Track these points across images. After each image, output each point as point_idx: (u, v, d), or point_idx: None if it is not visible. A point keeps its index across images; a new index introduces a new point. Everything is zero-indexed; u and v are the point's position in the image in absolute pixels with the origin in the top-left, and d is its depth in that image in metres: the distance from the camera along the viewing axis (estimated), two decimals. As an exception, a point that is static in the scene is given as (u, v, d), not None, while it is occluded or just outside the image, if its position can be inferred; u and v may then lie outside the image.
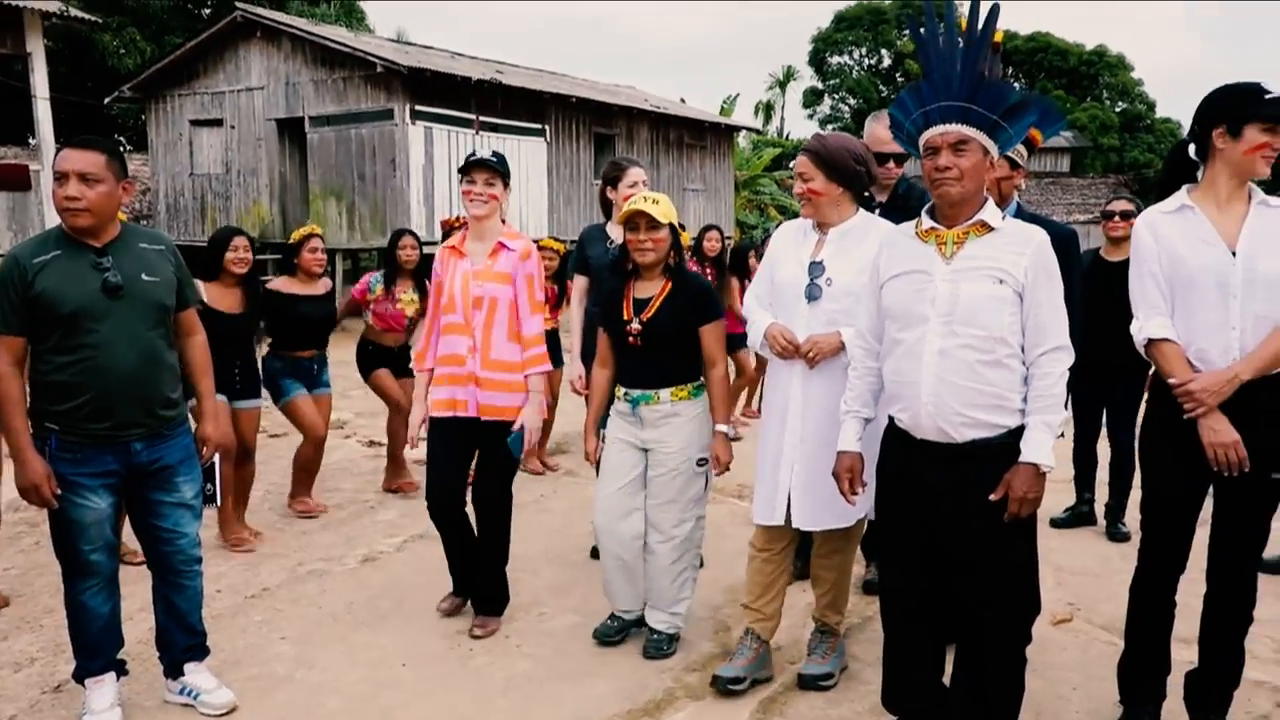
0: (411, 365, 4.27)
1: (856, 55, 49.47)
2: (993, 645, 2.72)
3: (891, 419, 2.83)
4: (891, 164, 3.92)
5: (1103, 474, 5.44)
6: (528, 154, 17.89)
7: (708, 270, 7.84)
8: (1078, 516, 5.53)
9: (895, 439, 2.82)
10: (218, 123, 18.00)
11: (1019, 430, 2.65)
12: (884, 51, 48.22)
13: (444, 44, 23.92)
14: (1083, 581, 4.64)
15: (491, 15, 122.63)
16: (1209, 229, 2.89)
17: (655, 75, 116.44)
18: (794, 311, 3.35)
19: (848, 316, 3.22)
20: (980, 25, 2.62)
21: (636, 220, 3.64)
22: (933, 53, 2.67)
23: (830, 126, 45.60)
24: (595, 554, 4.87)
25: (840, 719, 3.36)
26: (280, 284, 5.47)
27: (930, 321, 2.66)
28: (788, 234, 3.53)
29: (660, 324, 3.64)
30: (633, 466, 3.78)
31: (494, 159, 3.91)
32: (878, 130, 3.85)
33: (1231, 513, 2.96)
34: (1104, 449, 5.49)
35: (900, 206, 3.79)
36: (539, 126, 18.24)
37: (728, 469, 3.72)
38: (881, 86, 46.89)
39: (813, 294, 3.31)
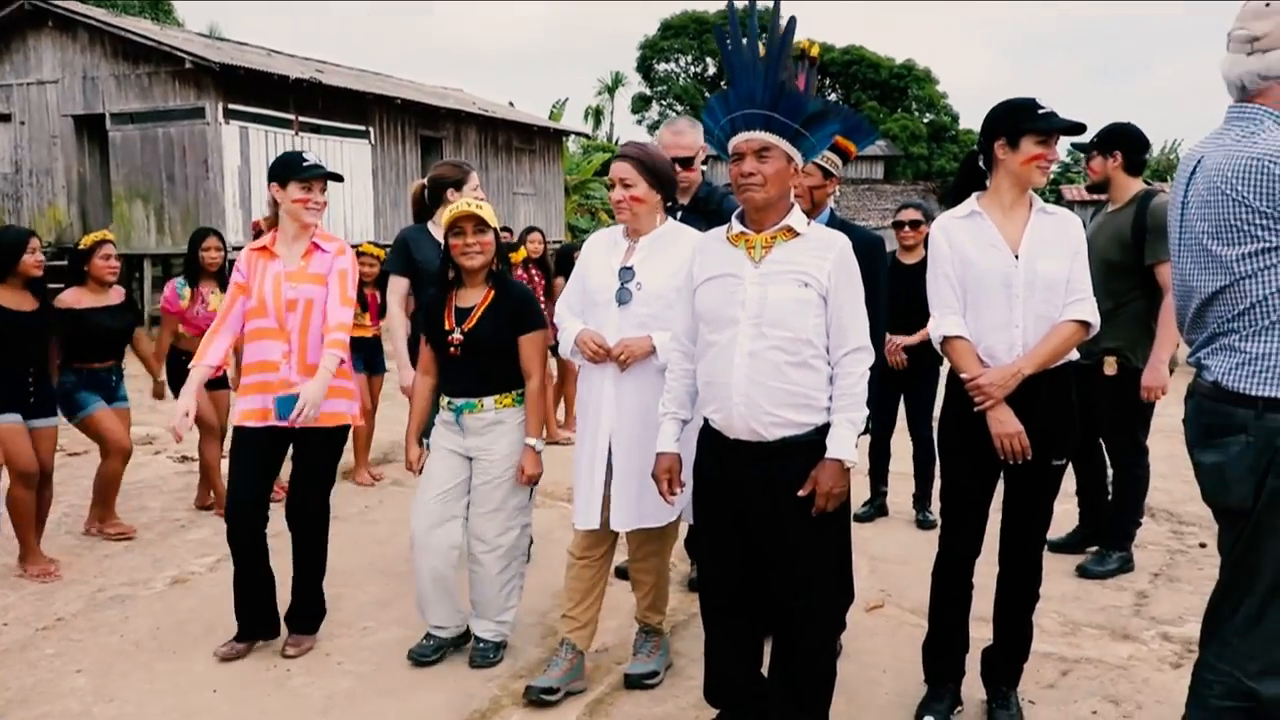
0: (190, 364, 3.80)
1: (683, 63, 50.62)
2: (804, 635, 2.82)
3: (706, 420, 2.89)
4: (677, 167, 3.97)
5: (908, 466, 5.73)
6: (351, 156, 17.36)
7: (532, 272, 7.81)
8: (877, 510, 5.79)
9: (709, 439, 2.88)
10: (5, 118, 16.64)
11: (825, 427, 2.75)
12: (709, 60, 49.46)
13: (261, 42, 22.92)
14: (893, 569, 4.88)
15: (311, 13, 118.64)
16: (995, 234, 3.09)
17: (483, 79, 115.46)
18: (605, 316, 3.38)
19: (658, 320, 3.27)
20: (780, 37, 2.72)
21: (463, 224, 3.57)
22: (737, 63, 2.75)
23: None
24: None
25: (665, 715, 3.41)
26: (71, 297, 5.12)
27: (740, 324, 2.73)
28: (598, 243, 3.55)
29: (481, 335, 3.59)
30: (454, 474, 3.71)
31: (323, 165, 3.82)
32: (665, 135, 3.91)
33: (1018, 498, 3.18)
34: (901, 443, 5.78)
35: (701, 210, 3.86)
36: (363, 128, 17.74)
37: (535, 482, 3.68)
38: (707, 94, 47.99)
39: (623, 298, 3.35)
